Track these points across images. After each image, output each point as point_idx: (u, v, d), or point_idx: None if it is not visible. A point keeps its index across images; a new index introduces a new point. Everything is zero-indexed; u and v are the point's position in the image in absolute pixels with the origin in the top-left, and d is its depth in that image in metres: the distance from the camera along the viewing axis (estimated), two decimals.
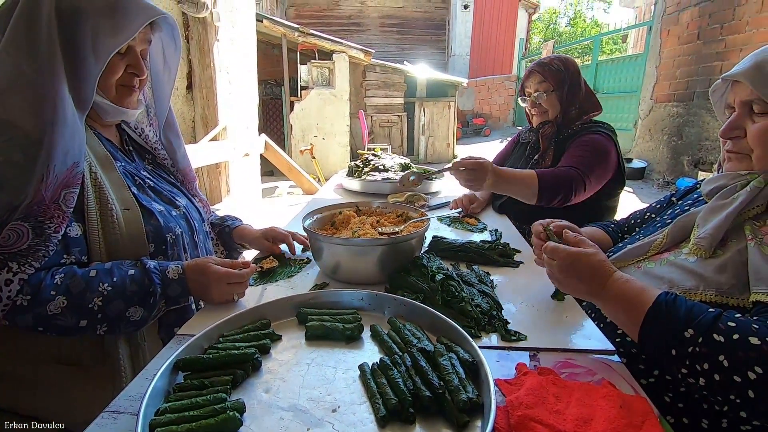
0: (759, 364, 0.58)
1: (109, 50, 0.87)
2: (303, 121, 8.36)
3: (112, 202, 0.89)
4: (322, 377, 0.70)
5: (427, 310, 0.83)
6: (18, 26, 0.80)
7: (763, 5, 4.73)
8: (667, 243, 0.88)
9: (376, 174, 2.10)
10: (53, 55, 0.80)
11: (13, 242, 0.76)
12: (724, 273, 0.74)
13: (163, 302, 0.90)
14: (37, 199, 0.78)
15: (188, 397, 0.63)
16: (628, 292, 0.73)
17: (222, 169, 4.47)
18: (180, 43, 1.07)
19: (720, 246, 0.78)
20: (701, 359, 0.62)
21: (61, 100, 0.80)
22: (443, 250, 1.23)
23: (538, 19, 20.46)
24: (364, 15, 14.58)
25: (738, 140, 0.82)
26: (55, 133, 0.79)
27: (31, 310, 0.78)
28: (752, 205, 0.77)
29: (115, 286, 0.84)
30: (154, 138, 1.12)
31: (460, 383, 0.63)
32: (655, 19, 6.73)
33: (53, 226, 0.80)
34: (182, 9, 3.95)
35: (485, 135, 12.91)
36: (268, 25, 7.62)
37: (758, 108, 0.77)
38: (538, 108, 1.70)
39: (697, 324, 0.64)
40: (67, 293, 0.80)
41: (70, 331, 0.82)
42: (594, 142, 1.57)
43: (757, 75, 0.76)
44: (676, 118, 6.07)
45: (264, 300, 0.89)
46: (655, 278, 0.84)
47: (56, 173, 0.79)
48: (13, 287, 0.76)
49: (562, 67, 1.64)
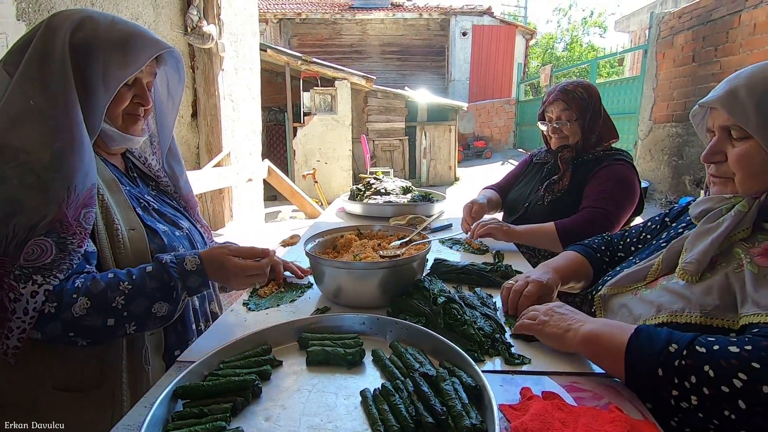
0: (742, 370, 0.59)
1: (118, 82, 0.91)
2: (306, 146, 8.47)
3: (118, 222, 0.92)
4: (323, 404, 0.69)
5: (429, 334, 0.82)
6: (32, 60, 0.84)
7: (755, 28, 4.84)
8: (663, 270, 0.88)
9: (377, 197, 2.11)
10: (68, 86, 0.85)
11: (37, 257, 0.79)
12: (710, 295, 0.74)
13: (185, 294, 0.92)
14: (59, 217, 0.81)
15: (187, 425, 0.62)
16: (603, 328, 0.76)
17: (225, 194, 4.51)
18: (184, 76, 1.11)
19: (709, 269, 0.78)
20: (688, 372, 0.62)
21: (78, 128, 0.85)
22: (445, 272, 1.22)
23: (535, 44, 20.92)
24: (365, 43, 14.98)
25: (720, 164, 0.82)
26: (74, 158, 0.83)
27: (58, 316, 0.80)
28: (738, 229, 0.77)
29: (134, 284, 0.86)
30: (156, 166, 1.16)
31: (463, 409, 0.62)
32: (649, 42, 6.88)
33: (76, 242, 0.83)
34: (188, 40, 4.07)
35: (486, 157, 13.01)
36: (272, 54, 7.84)
37: (736, 133, 0.78)
38: (559, 133, 1.69)
39: (679, 340, 0.66)
40: (88, 293, 0.82)
41: (99, 333, 0.83)
42: (617, 174, 1.56)
43: (732, 102, 0.76)
44: (675, 138, 6.12)
45: (265, 325, 0.88)
46: (646, 302, 0.84)
47: (77, 194, 0.83)
48: (38, 298, 0.79)
49: (586, 95, 1.63)
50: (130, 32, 0.92)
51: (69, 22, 0.87)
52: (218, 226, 4.48)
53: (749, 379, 0.58)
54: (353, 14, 14.52)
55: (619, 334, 0.72)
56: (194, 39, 4.05)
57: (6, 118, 0.82)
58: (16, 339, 0.78)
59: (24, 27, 2.35)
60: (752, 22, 4.88)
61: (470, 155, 13.16)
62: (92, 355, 0.90)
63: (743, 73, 0.79)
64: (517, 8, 20.61)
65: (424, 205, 1.97)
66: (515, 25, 15.62)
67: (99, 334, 0.83)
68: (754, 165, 0.76)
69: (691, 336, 0.66)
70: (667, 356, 0.65)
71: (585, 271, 1.16)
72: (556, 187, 1.65)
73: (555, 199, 1.65)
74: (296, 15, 14.23)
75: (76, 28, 0.87)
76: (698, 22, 5.74)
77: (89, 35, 0.88)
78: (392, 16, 14.59)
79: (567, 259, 1.18)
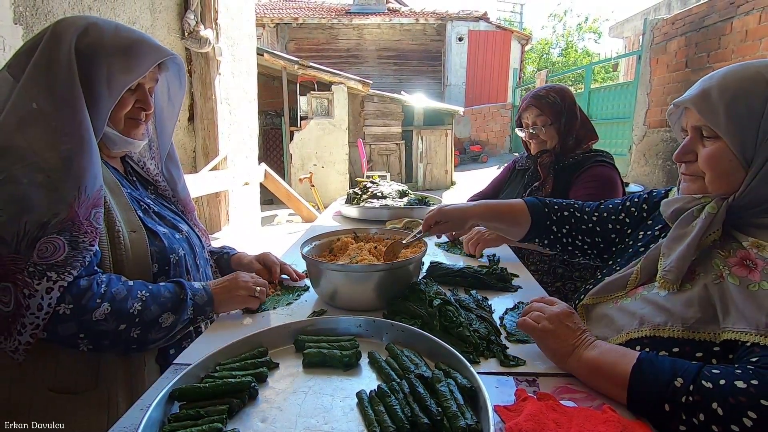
0: (751, 409, 0.58)
1: (122, 87, 0.93)
2: (302, 150, 8.48)
3: (119, 224, 0.93)
4: (319, 406, 0.69)
5: (425, 336, 0.83)
6: (39, 65, 0.86)
7: (747, 35, 4.91)
8: (642, 278, 0.87)
9: (374, 201, 2.12)
10: (75, 90, 0.87)
11: (50, 254, 0.80)
12: (691, 307, 0.74)
13: (191, 310, 0.95)
14: (71, 216, 0.83)
15: (183, 427, 0.62)
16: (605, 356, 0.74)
17: (222, 198, 4.51)
18: (185, 82, 1.13)
19: (689, 279, 0.78)
20: (696, 409, 0.61)
21: (86, 131, 0.87)
22: (441, 275, 1.23)
23: (531, 49, 21.09)
24: (362, 48, 15.04)
25: (691, 164, 0.83)
26: (83, 160, 0.85)
27: (74, 317, 0.82)
28: (709, 231, 0.77)
29: (151, 292, 0.91)
30: (155, 170, 1.17)
31: (458, 410, 0.62)
32: (643, 48, 6.95)
33: (88, 240, 0.85)
34: (185, 45, 4.08)
35: (483, 161, 13.07)
36: (269, 58, 7.86)
37: (707, 133, 0.78)
38: (536, 139, 1.70)
39: (684, 372, 0.64)
40: (112, 301, 0.85)
41: (107, 336, 0.85)
42: (601, 176, 1.57)
43: (703, 102, 0.77)
44: (669, 142, 6.17)
45: (262, 327, 0.89)
46: (628, 314, 0.83)
47: (87, 194, 0.85)
48: (53, 295, 0.80)
49: (559, 99, 1.64)
50: (134, 39, 0.94)
51: (74, 28, 0.89)
52: (214, 229, 4.47)
53: (759, 418, 0.57)
54: (350, 19, 14.59)
55: (621, 364, 0.71)
56: (191, 43, 4.06)
57: (13, 121, 0.83)
58: (29, 335, 0.79)
59: (21, 30, 2.35)
60: (744, 29, 4.94)
61: (466, 159, 13.21)
62: (88, 357, 0.91)
63: (717, 73, 0.79)
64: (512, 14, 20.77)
65: (420, 209, 1.98)
66: (511, 30, 15.75)
67: (107, 336, 0.85)
68: (722, 165, 0.77)
69: (696, 368, 0.64)
70: (674, 392, 0.63)
71: (517, 217, 1.12)
72: (539, 194, 1.64)
73: None
74: (293, 20, 14.28)
75: (82, 34, 0.89)
76: (691, 28, 5.81)
77: (95, 41, 0.90)
78: (389, 21, 14.67)
79: (508, 202, 1.16)
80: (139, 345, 0.90)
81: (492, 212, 1.13)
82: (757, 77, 0.73)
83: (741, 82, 0.74)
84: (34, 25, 2.43)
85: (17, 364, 0.87)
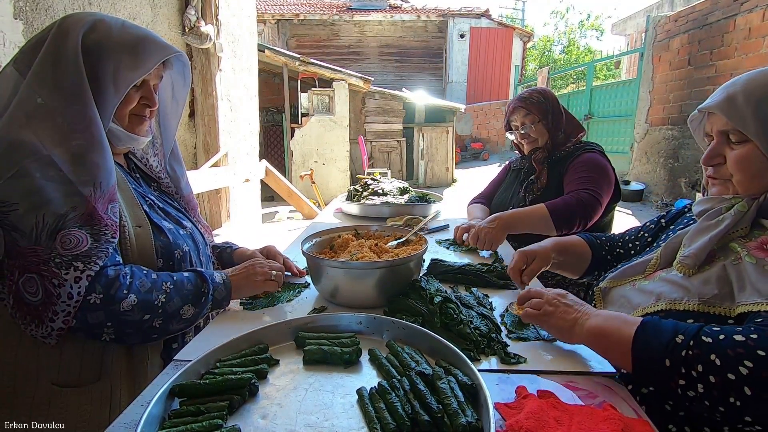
0: (748, 358, 0.60)
1: (128, 83, 0.93)
2: (303, 147, 8.47)
3: (125, 219, 0.94)
4: (319, 402, 0.69)
5: (425, 333, 0.82)
6: (46, 61, 0.86)
7: (750, 32, 4.88)
8: (661, 263, 0.91)
9: (375, 198, 2.12)
10: (83, 86, 0.87)
11: (74, 246, 0.82)
12: (708, 285, 0.77)
13: (210, 304, 0.97)
14: (89, 210, 0.84)
15: (184, 423, 0.62)
16: (609, 322, 0.76)
17: (222, 194, 4.50)
18: (189, 80, 1.14)
19: (707, 262, 0.81)
20: (695, 361, 0.64)
21: (97, 126, 0.88)
22: (442, 272, 1.23)
23: (532, 47, 21.01)
24: (364, 44, 15.00)
25: (719, 167, 0.86)
26: (96, 155, 0.87)
27: (104, 307, 0.84)
28: (736, 228, 0.80)
29: (175, 284, 0.93)
30: (158, 167, 1.17)
31: (459, 407, 0.62)
32: (646, 45, 6.92)
33: (109, 233, 0.87)
34: (186, 40, 4.07)
35: (484, 159, 13.05)
36: (270, 54, 7.83)
37: (735, 137, 0.81)
38: (528, 138, 1.79)
39: (685, 330, 0.67)
40: (137, 293, 0.87)
41: (132, 325, 0.87)
42: (591, 160, 1.66)
43: (730, 107, 0.80)
44: (671, 140, 6.16)
45: (262, 324, 0.89)
46: (645, 293, 0.87)
47: (103, 189, 0.87)
48: (82, 284, 0.82)
49: (543, 98, 1.74)
50: (140, 36, 0.94)
51: (81, 24, 0.89)
52: (215, 226, 4.46)
53: (755, 366, 0.60)
54: (351, 15, 14.54)
55: (625, 327, 0.73)
56: (192, 39, 4.04)
57: (21, 115, 0.84)
58: (61, 321, 0.81)
59: (21, 26, 2.34)
60: (747, 26, 4.92)
61: (467, 157, 13.19)
62: (91, 350, 0.91)
63: (740, 79, 0.81)
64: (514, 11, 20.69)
65: (421, 206, 1.98)
66: (513, 27, 15.69)
67: (130, 328, 0.87)
68: (753, 167, 0.79)
69: (697, 326, 0.67)
70: (674, 347, 0.66)
71: (582, 251, 1.20)
72: (535, 187, 1.74)
73: (536, 198, 1.72)
74: (294, 16, 14.24)
75: (89, 30, 0.89)
76: (694, 25, 5.78)
77: (102, 38, 0.90)
78: (390, 17, 14.62)
79: (567, 238, 1.23)
80: (159, 334, 0.92)
81: (561, 246, 1.19)
82: None
83: (766, 86, 0.77)
84: (35, 21, 2.42)
85: (18, 357, 0.87)
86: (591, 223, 1.53)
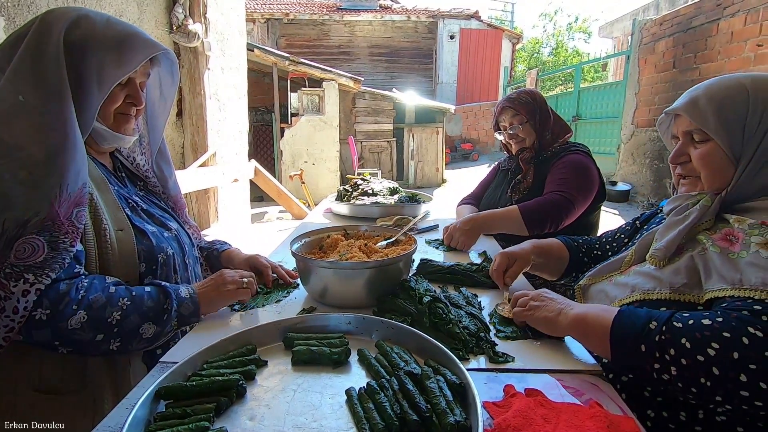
0: (714, 340, 0.65)
1: (112, 81, 0.91)
2: (293, 147, 8.43)
3: (106, 222, 0.91)
4: (308, 403, 0.69)
5: (414, 333, 0.83)
6: (25, 57, 0.83)
7: (732, 36, 4.98)
8: (635, 259, 0.97)
9: (364, 198, 2.12)
10: (62, 84, 0.83)
11: (28, 255, 0.77)
12: (678, 275, 0.83)
13: (175, 321, 0.92)
14: (51, 215, 0.80)
15: (169, 426, 0.61)
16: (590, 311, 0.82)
17: (211, 194, 4.46)
18: (177, 78, 1.11)
19: (676, 254, 0.87)
20: (667, 345, 0.68)
21: (71, 126, 0.84)
22: (431, 272, 1.23)
23: (521, 48, 21.19)
24: (354, 45, 14.98)
25: (685, 165, 0.93)
26: (67, 156, 0.82)
27: (50, 324, 0.79)
28: (702, 221, 0.86)
29: (133, 300, 0.87)
30: (145, 166, 1.15)
31: (447, 406, 0.62)
32: (632, 48, 7.02)
33: (68, 241, 0.82)
34: (174, 39, 4.02)
35: (473, 159, 13.12)
36: (260, 54, 7.78)
37: (698, 137, 0.88)
38: (515, 138, 1.81)
39: (658, 317, 0.72)
40: (88, 308, 0.82)
41: (84, 346, 0.83)
42: (573, 161, 1.69)
43: (694, 109, 0.87)
44: (657, 142, 6.25)
45: (250, 325, 0.88)
46: (621, 286, 0.93)
47: (69, 192, 0.82)
48: (30, 298, 0.77)
49: (530, 99, 1.77)
50: (126, 33, 0.91)
51: (64, 19, 0.86)
52: (203, 227, 4.42)
53: (721, 348, 0.64)
54: (341, 15, 14.51)
55: (604, 315, 0.78)
56: (180, 37, 4.00)
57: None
58: (1, 338, 0.77)
59: (2, 21, 2.29)
60: (729, 30, 5.02)
61: (457, 157, 13.26)
62: (74, 357, 0.89)
63: (703, 84, 0.89)
64: (504, 12, 20.86)
65: (410, 206, 1.98)
66: (502, 29, 15.81)
67: (83, 346, 0.83)
68: (715, 163, 0.86)
69: (669, 313, 0.72)
70: (648, 333, 0.71)
71: (560, 253, 1.24)
72: (521, 186, 1.77)
73: (522, 197, 1.75)
74: (284, 15, 14.16)
75: (72, 26, 0.86)
76: (678, 29, 5.89)
77: (85, 34, 0.87)
78: (380, 18, 14.62)
79: (546, 240, 1.27)
80: (122, 353, 0.88)
81: (540, 249, 1.22)
82: (739, 87, 0.84)
83: (726, 90, 0.85)
84: (17, 17, 2.37)
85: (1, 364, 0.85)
86: (563, 225, 1.57)
